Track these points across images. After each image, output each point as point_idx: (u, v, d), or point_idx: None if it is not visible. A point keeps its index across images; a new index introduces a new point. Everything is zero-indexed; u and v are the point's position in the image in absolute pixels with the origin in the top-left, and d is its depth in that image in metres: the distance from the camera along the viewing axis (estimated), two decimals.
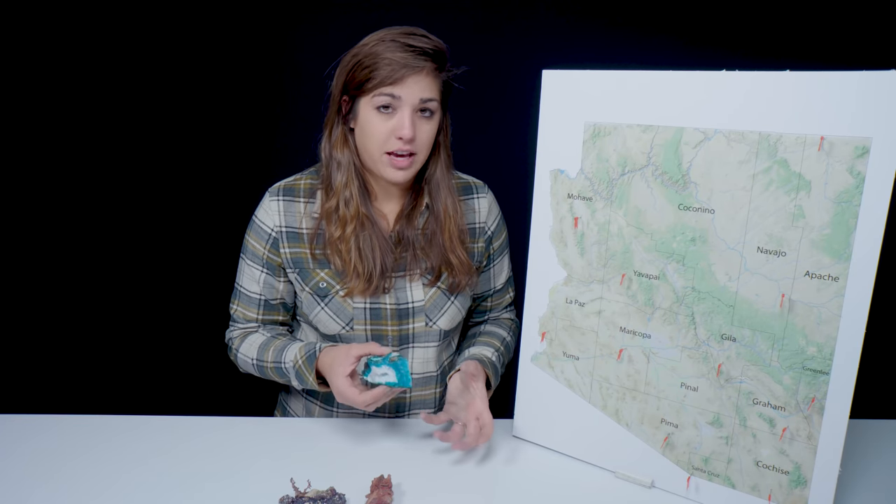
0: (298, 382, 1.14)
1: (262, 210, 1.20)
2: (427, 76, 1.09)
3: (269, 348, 1.19)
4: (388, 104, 1.08)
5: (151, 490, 0.96)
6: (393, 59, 1.06)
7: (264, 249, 1.20)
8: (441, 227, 1.20)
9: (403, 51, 1.06)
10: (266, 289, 1.22)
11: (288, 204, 1.19)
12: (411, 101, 1.08)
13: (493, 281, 1.33)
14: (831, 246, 0.85)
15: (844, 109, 0.82)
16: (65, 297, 1.87)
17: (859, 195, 0.82)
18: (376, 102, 1.08)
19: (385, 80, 1.06)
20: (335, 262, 1.16)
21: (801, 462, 0.91)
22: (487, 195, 1.30)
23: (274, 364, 1.18)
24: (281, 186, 1.21)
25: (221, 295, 1.30)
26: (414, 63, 1.06)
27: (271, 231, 1.19)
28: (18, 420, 1.13)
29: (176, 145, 1.81)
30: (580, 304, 1.05)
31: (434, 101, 1.10)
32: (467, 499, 0.98)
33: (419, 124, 1.10)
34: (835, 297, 0.85)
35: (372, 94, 1.08)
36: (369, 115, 1.10)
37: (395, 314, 1.20)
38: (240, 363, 1.25)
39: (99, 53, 1.73)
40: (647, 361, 1.00)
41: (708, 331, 0.95)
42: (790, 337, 0.89)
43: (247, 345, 1.22)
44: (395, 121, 1.09)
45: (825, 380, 0.87)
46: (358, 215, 1.15)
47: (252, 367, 1.22)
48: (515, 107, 1.57)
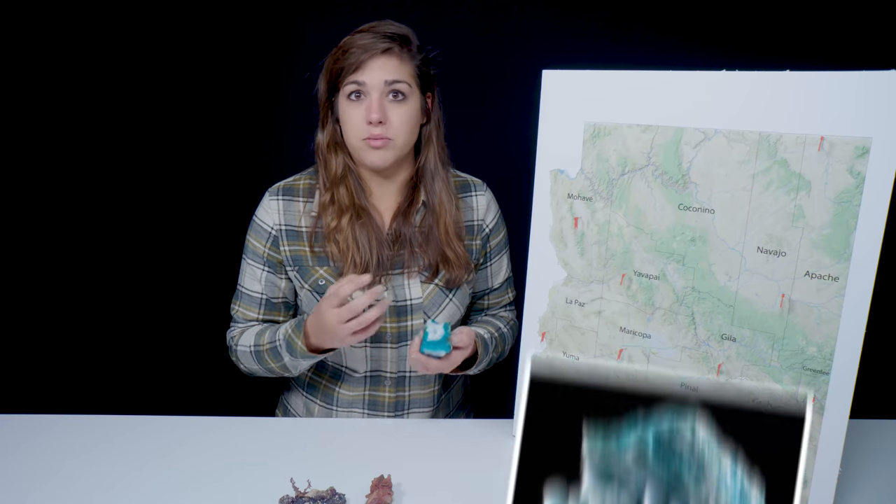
0: (290, 355, 1.13)
1: (262, 209, 1.21)
2: (392, 58, 1.12)
3: (265, 332, 1.19)
4: (356, 90, 1.12)
5: (151, 490, 0.96)
6: (357, 45, 1.10)
7: (264, 248, 1.20)
8: (437, 220, 1.20)
9: (367, 38, 1.10)
10: (268, 287, 1.22)
11: (287, 203, 1.20)
12: (377, 84, 1.11)
13: (491, 280, 1.33)
14: (831, 246, 0.85)
15: (844, 109, 0.82)
16: (65, 298, 1.87)
17: (859, 195, 0.82)
18: (346, 91, 1.12)
19: (350, 68, 1.11)
20: (332, 252, 1.17)
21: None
22: (486, 193, 1.30)
23: (269, 344, 1.17)
24: (280, 186, 1.22)
25: (222, 295, 1.30)
26: (374, 46, 1.10)
27: (271, 229, 1.19)
28: (18, 420, 1.13)
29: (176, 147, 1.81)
30: (580, 304, 1.05)
31: (402, 83, 1.12)
32: (467, 499, 0.98)
33: (390, 108, 1.12)
34: (835, 297, 0.85)
35: (344, 85, 1.12)
36: (344, 106, 1.14)
37: (393, 311, 1.20)
38: (239, 356, 1.23)
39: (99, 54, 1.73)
40: (647, 361, 1.00)
41: (708, 331, 0.95)
42: (790, 337, 0.89)
43: (245, 336, 1.22)
44: (364, 106, 1.12)
45: (825, 380, 0.87)
46: (353, 205, 1.17)
47: (251, 356, 1.21)
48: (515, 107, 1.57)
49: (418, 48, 1.16)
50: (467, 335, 1.12)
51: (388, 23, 1.14)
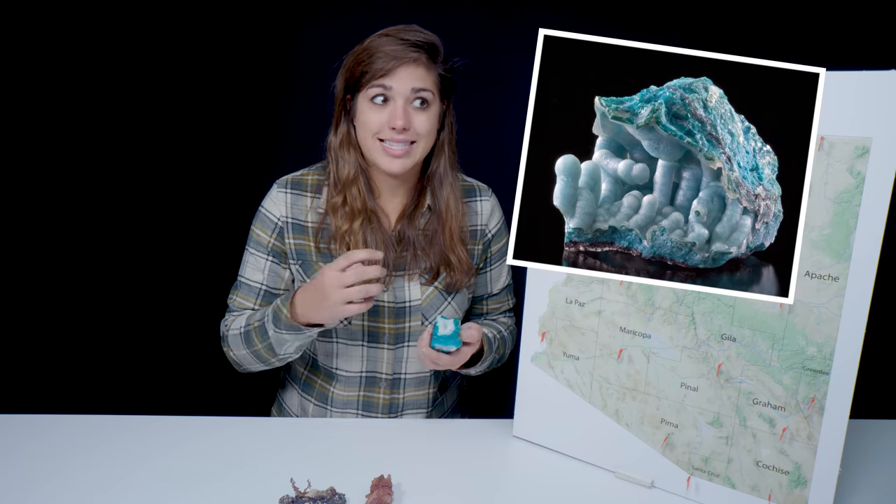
0: (274, 327, 1.10)
1: (270, 200, 1.21)
2: (419, 67, 1.11)
3: (257, 313, 1.18)
4: (381, 94, 1.11)
5: (151, 490, 0.96)
6: (385, 51, 1.09)
7: (270, 238, 1.20)
8: (442, 224, 1.20)
9: (395, 44, 1.10)
10: (270, 277, 1.22)
11: (295, 197, 1.20)
12: (403, 91, 1.11)
13: (490, 285, 1.33)
14: (831, 246, 0.85)
15: (844, 109, 0.82)
16: (65, 297, 1.87)
17: (859, 195, 0.82)
18: (370, 94, 1.12)
19: (377, 73, 1.10)
20: (339, 251, 1.17)
21: (801, 462, 0.90)
22: (490, 199, 1.30)
23: (258, 322, 1.14)
24: (289, 179, 1.22)
25: (221, 295, 1.29)
26: (404, 54, 1.09)
27: (277, 220, 1.19)
28: (18, 420, 1.13)
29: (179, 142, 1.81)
30: (580, 304, 1.05)
31: (428, 91, 1.12)
32: (467, 499, 0.98)
33: (414, 114, 1.12)
34: (835, 297, 0.85)
35: (367, 88, 1.12)
36: (365, 107, 1.13)
37: (392, 312, 1.20)
38: (230, 341, 1.20)
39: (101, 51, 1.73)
40: (647, 361, 1.00)
41: (708, 331, 0.95)
42: (790, 337, 0.89)
43: (238, 320, 1.20)
44: (388, 111, 1.11)
45: (825, 380, 0.87)
46: (365, 209, 1.17)
47: (240, 339, 1.17)
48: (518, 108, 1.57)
49: (444, 57, 1.16)
50: (476, 331, 1.12)
51: (415, 29, 1.13)
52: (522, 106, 0.92)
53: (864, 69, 0.80)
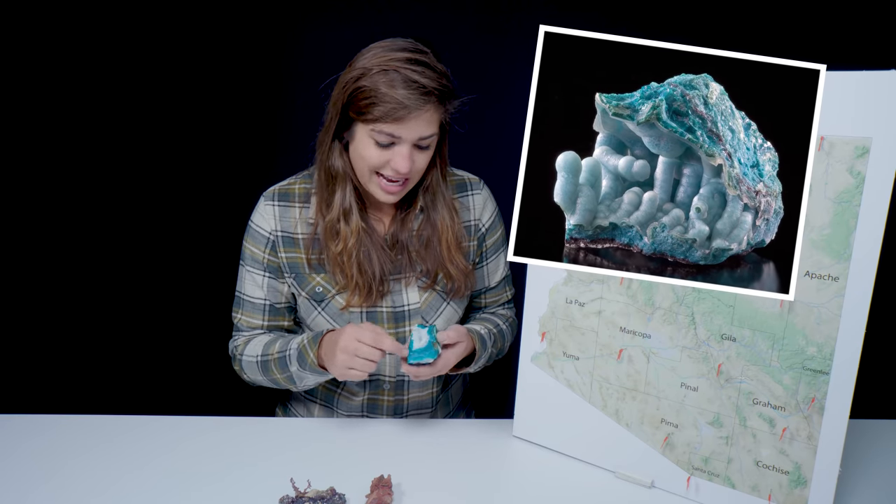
0: (298, 365, 1.12)
1: (258, 215, 1.20)
2: (428, 112, 1.06)
3: (276, 342, 1.18)
4: (387, 141, 1.06)
5: (151, 490, 0.96)
6: (395, 97, 1.02)
7: (264, 253, 1.19)
8: (438, 237, 1.19)
9: (406, 87, 1.03)
10: (270, 292, 1.21)
11: (283, 209, 1.19)
12: (410, 138, 1.06)
13: (488, 278, 1.33)
14: (831, 246, 0.85)
15: (844, 109, 0.82)
16: (65, 298, 1.87)
17: (859, 195, 0.82)
18: (375, 136, 1.06)
19: (384, 118, 1.03)
20: (337, 278, 1.16)
21: (801, 462, 0.90)
22: (482, 191, 1.29)
23: (279, 353, 1.15)
24: (276, 191, 1.20)
25: (221, 295, 1.29)
26: (416, 104, 1.03)
27: (269, 235, 1.18)
28: (18, 420, 1.13)
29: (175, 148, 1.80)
30: (580, 304, 1.05)
31: (434, 135, 1.09)
32: (467, 499, 0.98)
33: (416, 156, 1.09)
34: (835, 297, 0.85)
35: (371, 126, 1.06)
36: (366, 141, 1.08)
37: (391, 317, 1.20)
38: (244, 366, 1.22)
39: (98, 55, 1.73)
40: (647, 361, 1.00)
41: (708, 331, 0.95)
42: (790, 337, 0.89)
43: (252, 345, 1.21)
44: (391, 154, 1.07)
45: (825, 380, 0.87)
46: (358, 231, 1.15)
47: (256, 367, 1.19)
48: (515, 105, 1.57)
49: (453, 92, 1.10)
50: (455, 331, 1.11)
51: (427, 64, 1.06)
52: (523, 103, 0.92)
53: (864, 69, 0.80)
